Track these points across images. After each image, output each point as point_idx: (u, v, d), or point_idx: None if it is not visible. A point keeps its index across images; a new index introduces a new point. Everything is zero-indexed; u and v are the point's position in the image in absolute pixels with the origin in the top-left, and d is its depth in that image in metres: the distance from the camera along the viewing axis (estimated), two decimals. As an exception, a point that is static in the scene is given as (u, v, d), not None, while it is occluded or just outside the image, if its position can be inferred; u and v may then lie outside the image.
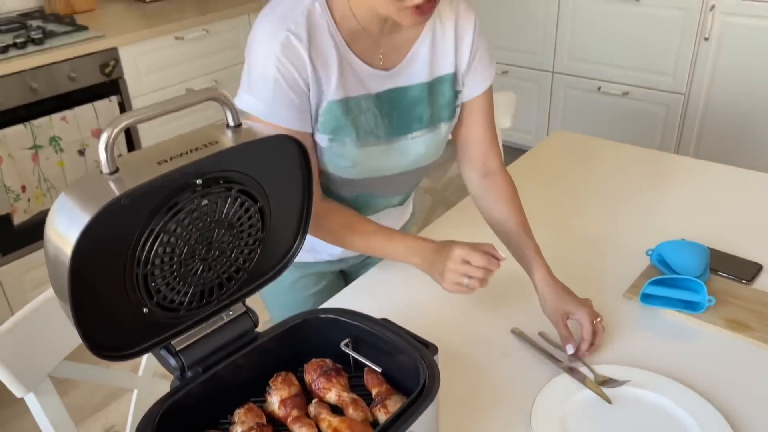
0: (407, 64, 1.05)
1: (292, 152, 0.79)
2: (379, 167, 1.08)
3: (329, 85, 0.99)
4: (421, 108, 1.07)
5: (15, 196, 2.05)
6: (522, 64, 3.19)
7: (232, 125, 0.74)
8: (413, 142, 1.09)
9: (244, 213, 0.77)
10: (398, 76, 1.05)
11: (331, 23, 0.98)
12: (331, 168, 1.06)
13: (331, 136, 1.02)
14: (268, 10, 0.99)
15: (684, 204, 1.40)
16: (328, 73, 0.98)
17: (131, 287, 0.70)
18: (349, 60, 1.00)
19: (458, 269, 0.97)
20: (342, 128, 1.02)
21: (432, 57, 1.06)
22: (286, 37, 0.95)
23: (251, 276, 0.84)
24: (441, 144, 1.14)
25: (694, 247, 1.16)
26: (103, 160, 0.64)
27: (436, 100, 1.09)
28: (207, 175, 0.71)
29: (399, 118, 1.06)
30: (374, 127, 1.04)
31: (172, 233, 0.70)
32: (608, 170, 1.55)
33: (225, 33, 2.57)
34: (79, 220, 0.61)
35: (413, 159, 1.11)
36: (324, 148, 1.04)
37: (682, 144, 2.89)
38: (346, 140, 1.02)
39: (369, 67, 1.02)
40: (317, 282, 1.27)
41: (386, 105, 1.05)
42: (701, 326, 1.05)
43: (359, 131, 1.03)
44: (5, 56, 2.02)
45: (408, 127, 1.08)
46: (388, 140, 1.06)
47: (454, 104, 1.11)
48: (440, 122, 1.10)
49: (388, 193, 1.18)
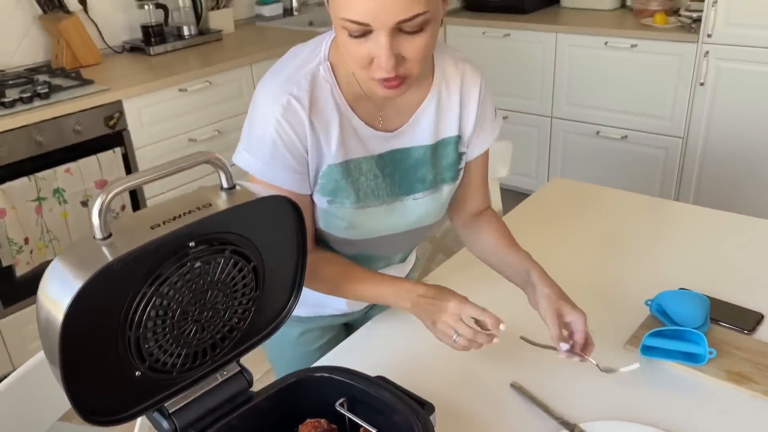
0: (411, 126, 1.05)
1: (285, 212, 0.80)
2: (378, 228, 1.08)
3: (329, 149, 0.99)
4: (424, 170, 1.07)
5: (18, 248, 2.06)
6: (521, 110, 3.23)
7: (226, 187, 0.75)
8: (414, 203, 1.09)
9: (238, 273, 0.77)
10: (401, 138, 1.05)
11: (335, 86, 0.98)
12: (330, 228, 1.07)
13: (330, 198, 1.03)
14: (275, 71, 1.00)
15: (683, 251, 1.39)
16: (328, 136, 0.99)
17: (123, 351, 0.70)
18: (352, 122, 1.00)
19: (450, 323, 0.96)
20: (341, 190, 1.02)
21: (437, 120, 1.06)
22: (288, 101, 0.95)
23: (245, 335, 0.83)
24: (443, 205, 1.14)
25: (693, 297, 1.15)
26: (96, 225, 0.65)
27: (439, 162, 1.08)
28: (200, 237, 0.71)
29: (401, 179, 1.06)
30: (375, 188, 1.04)
31: (165, 296, 0.70)
32: (607, 218, 1.55)
33: (228, 84, 2.61)
34: (71, 286, 0.62)
35: (413, 220, 1.10)
36: (323, 209, 1.04)
37: (682, 187, 2.90)
38: (345, 202, 1.03)
39: (371, 129, 1.02)
40: (322, 336, 1.27)
41: (389, 166, 1.05)
42: (703, 379, 1.03)
43: (359, 193, 1.03)
44: (12, 111, 2.06)
45: (410, 189, 1.08)
46: (388, 201, 1.06)
47: (457, 166, 1.11)
48: (443, 184, 1.10)
49: (388, 253, 1.18)
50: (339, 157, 1.00)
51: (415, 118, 1.04)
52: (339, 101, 0.99)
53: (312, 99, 0.97)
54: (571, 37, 2.96)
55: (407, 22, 0.83)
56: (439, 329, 0.98)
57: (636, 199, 1.64)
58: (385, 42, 0.84)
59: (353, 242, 1.09)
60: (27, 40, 2.56)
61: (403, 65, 0.88)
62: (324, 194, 1.02)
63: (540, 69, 3.11)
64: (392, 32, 0.84)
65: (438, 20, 0.88)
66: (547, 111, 3.17)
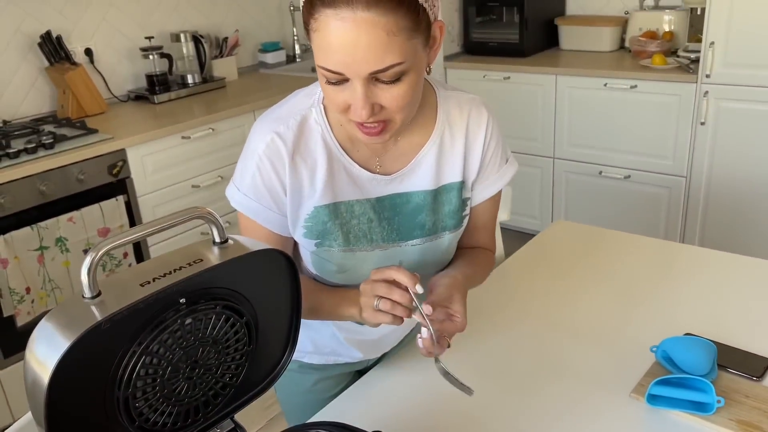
0: (411, 170, 1.02)
1: (279, 265, 0.79)
2: (368, 274, 1.07)
3: (314, 190, 0.99)
4: (423, 215, 1.04)
5: (19, 298, 2.06)
6: (523, 151, 3.25)
7: (218, 241, 0.74)
8: (412, 249, 1.06)
9: (230, 328, 0.76)
10: (401, 182, 1.03)
11: (327, 129, 0.98)
12: (322, 273, 1.06)
13: (318, 241, 1.02)
14: (270, 110, 1.02)
15: (689, 295, 1.37)
16: (313, 177, 0.99)
17: (112, 411, 0.68)
18: (344, 164, 0.99)
19: (367, 288, 0.93)
20: (328, 233, 1.01)
21: (438, 165, 1.03)
22: (272, 139, 0.96)
23: (239, 391, 0.82)
24: (443, 255, 1.09)
25: (699, 343, 1.12)
26: (85, 284, 0.64)
27: (440, 209, 1.05)
28: (191, 293, 0.71)
29: (400, 224, 1.04)
30: (367, 232, 1.03)
31: (155, 354, 0.69)
32: (611, 261, 1.53)
33: (230, 131, 2.64)
34: (58, 347, 0.61)
35: (411, 268, 1.05)
36: (311, 253, 1.03)
37: (687, 226, 2.88)
38: (332, 245, 1.02)
39: (367, 172, 1.01)
40: (336, 385, 1.25)
41: (387, 210, 1.03)
42: (712, 429, 1.00)
43: (348, 236, 1.02)
44: (16, 161, 2.08)
45: (408, 234, 1.05)
46: (383, 246, 1.04)
47: (461, 213, 1.07)
48: (444, 231, 1.06)
49: None
50: (326, 199, 0.99)
51: (416, 162, 1.02)
52: (330, 143, 0.99)
53: (297, 139, 0.97)
54: (570, 79, 2.99)
55: (382, 73, 0.83)
56: (363, 302, 0.94)
57: (640, 242, 1.63)
58: (360, 91, 0.84)
59: (350, 288, 1.07)
60: (33, 90, 2.61)
61: (381, 113, 0.87)
62: (311, 237, 1.02)
63: (541, 110, 3.13)
64: (366, 81, 0.83)
65: (419, 69, 0.87)
66: (549, 152, 3.18)
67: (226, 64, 3.12)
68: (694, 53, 2.75)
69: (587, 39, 3.25)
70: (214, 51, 3.12)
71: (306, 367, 1.22)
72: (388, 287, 0.90)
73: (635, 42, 3.05)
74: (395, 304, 0.90)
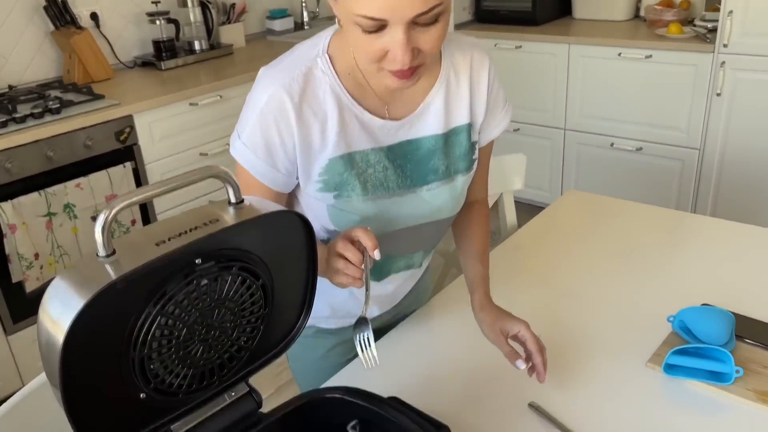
0: (420, 115, 1.02)
1: (295, 227, 0.78)
2: (391, 221, 1.05)
3: (326, 142, 0.97)
4: (436, 160, 1.05)
5: (28, 264, 2.05)
6: (534, 122, 3.21)
7: (233, 202, 0.72)
8: (428, 194, 1.06)
9: (246, 291, 0.74)
10: (411, 128, 1.02)
11: (335, 79, 0.96)
12: (340, 226, 1.04)
13: (336, 193, 1.00)
14: (274, 62, 0.99)
15: (705, 265, 1.35)
16: (324, 129, 0.97)
17: (127, 372, 0.67)
18: (356, 113, 0.98)
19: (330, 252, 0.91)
20: (345, 183, 1.00)
21: (446, 108, 1.03)
22: (275, 92, 0.94)
23: (254, 354, 0.80)
24: (458, 197, 1.10)
25: (717, 313, 1.11)
26: (99, 242, 0.62)
27: (452, 152, 1.06)
28: (206, 254, 0.69)
29: (413, 170, 1.04)
30: (384, 180, 1.02)
31: (170, 315, 0.68)
32: (624, 231, 1.51)
33: (238, 98, 2.61)
34: (73, 305, 0.59)
35: (428, 212, 1.07)
36: (330, 206, 1.02)
37: (699, 199, 2.85)
38: (351, 195, 1.00)
39: (379, 119, 1.00)
40: (352, 349, 1.23)
41: (399, 158, 1.03)
42: (730, 399, 0.99)
43: (366, 185, 1.00)
44: (23, 126, 2.06)
45: (422, 180, 1.05)
46: (399, 193, 1.03)
47: (471, 156, 1.08)
48: (457, 174, 1.07)
49: (406, 252, 1.14)
50: (340, 150, 0.98)
51: (424, 106, 1.02)
52: (339, 92, 0.97)
53: (303, 91, 0.95)
54: (583, 48, 2.93)
55: (424, 15, 0.82)
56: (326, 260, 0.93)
57: (653, 212, 1.60)
58: (401, 37, 0.83)
59: None
60: (39, 55, 2.57)
61: (417, 57, 0.87)
62: (329, 189, 1.00)
63: (553, 81, 3.08)
64: (408, 26, 0.83)
65: (450, 10, 0.87)
66: (560, 123, 3.14)
67: (234, 31, 3.07)
68: (712, 22, 2.69)
69: (601, 7, 3.18)
70: (222, 17, 3.07)
71: (323, 332, 1.22)
72: (345, 244, 0.90)
73: (651, 10, 2.98)
74: (347, 262, 0.89)
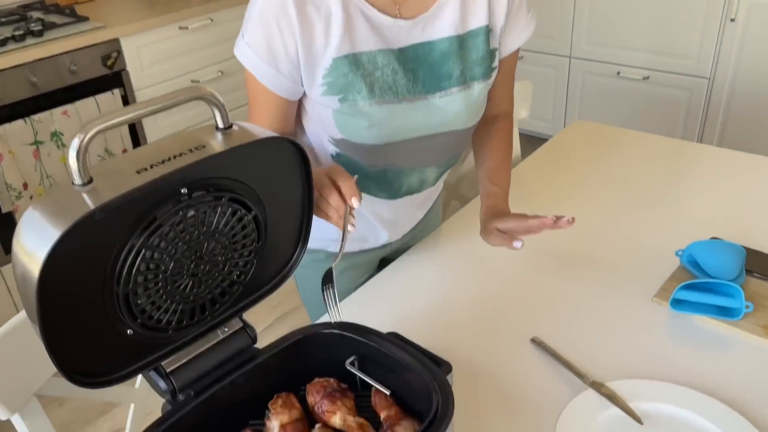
0: (433, 15, 0.96)
1: (289, 155, 0.72)
2: (401, 129, 0.99)
3: (329, 41, 0.92)
4: (451, 64, 0.98)
5: (17, 194, 2.00)
6: (538, 50, 3.09)
7: (221, 127, 0.67)
8: (442, 102, 0.99)
9: (237, 223, 0.70)
10: (424, 29, 0.96)
11: None
12: (350, 135, 0.99)
13: (341, 96, 0.95)
14: None
15: (713, 198, 1.31)
16: (328, 27, 0.91)
17: (112, 308, 0.64)
18: (363, 9, 0.92)
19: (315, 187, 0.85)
20: (351, 85, 0.94)
21: (462, 8, 0.97)
22: None
23: (247, 289, 0.77)
24: (474, 107, 1.03)
25: (727, 247, 1.07)
26: (74, 169, 0.57)
27: (467, 56, 0.99)
28: (193, 183, 0.64)
29: (426, 75, 0.98)
30: (393, 84, 0.96)
31: (156, 248, 0.63)
32: (631, 162, 1.46)
33: (231, 22, 2.49)
34: (48, 237, 0.55)
35: (441, 121, 1.01)
36: (335, 111, 0.97)
37: (706, 131, 2.78)
38: (357, 98, 0.95)
39: (388, 18, 0.94)
40: (361, 275, 1.22)
41: (411, 61, 0.97)
42: (738, 335, 0.97)
43: (373, 87, 0.95)
44: (4, 49, 1.96)
45: (435, 85, 0.98)
46: (410, 98, 0.97)
47: (489, 62, 1.01)
48: (473, 81, 1.00)
49: (419, 165, 1.08)
50: (344, 50, 0.92)
51: (438, 5, 0.96)
52: None
53: None
54: (592, -30, 2.79)
55: None
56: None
57: (661, 142, 1.55)
58: None
59: (378, 150, 1.01)
60: (19, -26, 2.44)
61: None
62: (333, 92, 0.95)
63: (559, 5, 2.95)
64: None
65: None
66: (565, 50, 3.02)
67: (224, -51, 2.91)
68: (729, -57, 2.55)
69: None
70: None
71: (332, 256, 1.19)
72: (330, 191, 0.86)
73: (665, -70, 2.82)
74: (331, 207, 0.86)
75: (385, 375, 0.77)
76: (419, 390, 0.73)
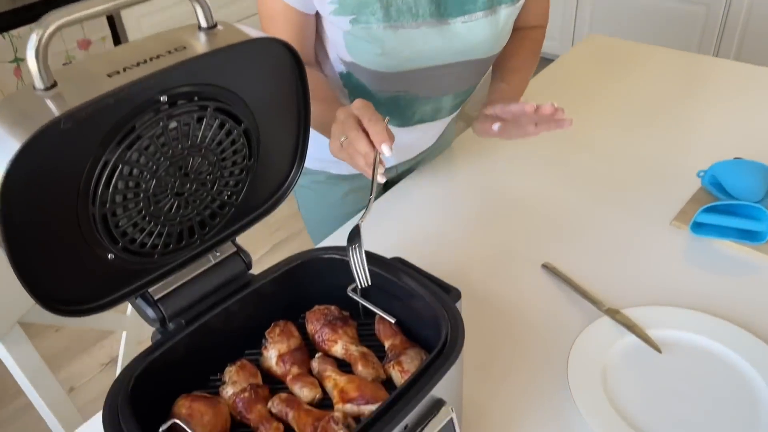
0: None
1: (281, 60, 0.64)
2: (417, 57, 0.91)
3: None
4: None
5: (0, 115, 1.91)
6: (546, -38, 2.92)
7: (204, 26, 0.59)
8: (464, 27, 0.91)
9: (225, 137, 0.63)
10: None
11: None
12: (360, 59, 0.90)
13: (353, 17, 0.86)
14: None
15: (736, 116, 1.23)
16: None
17: (89, 231, 0.57)
18: None
19: (341, 117, 0.78)
20: (365, 5, 0.85)
21: None
22: None
23: (240, 211, 0.70)
24: (500, 34, 0.95)
25: (752, 167, 1.01)
26: (34, 71, 0.50)
27: None
28: (173, 90, 0.56)
29: None
30: (413, 5, 0.87)
31: (134, 164, 0.56)
32: (648, 79, 1.37)
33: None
34: (7, 148, 0.48)
35: (463, 48, 0.93)
36: (346, 33, 0.88)
37: (722, 50, 2.66)
38: (370, 20, 0.86)
39: None
40: (364, 198, 1.16)
41: None
42: (762, 259, 0.91)
43: (389, 9, 0.86)
44: (-25, -42, 1.83)
45: (459, 9, 0.89)
46: (430, 22, 0.89)
47: None
48: (499, 5, 0.92)
49: (433, 95, 1.00)
50: None
51: None
52: None
53: None
54: None
55: None
56: (333, 130, 0.80)
57: (681, 58, 1.45)
58: None
59: (391, 77, 0.93)
60: None
61: None
62: (345, 12, 0.86)
63: None
64: None
65: None
66: (575, -37, 2.86)
67: None
68: None
69: None
70: None
71: (334, 178, 1.13)
72: (358, 134, 0.75)
73: None
74: (357, 153, 0.76)
75: (390, 302, 0.72)
76: (426, 318, 0.68)
